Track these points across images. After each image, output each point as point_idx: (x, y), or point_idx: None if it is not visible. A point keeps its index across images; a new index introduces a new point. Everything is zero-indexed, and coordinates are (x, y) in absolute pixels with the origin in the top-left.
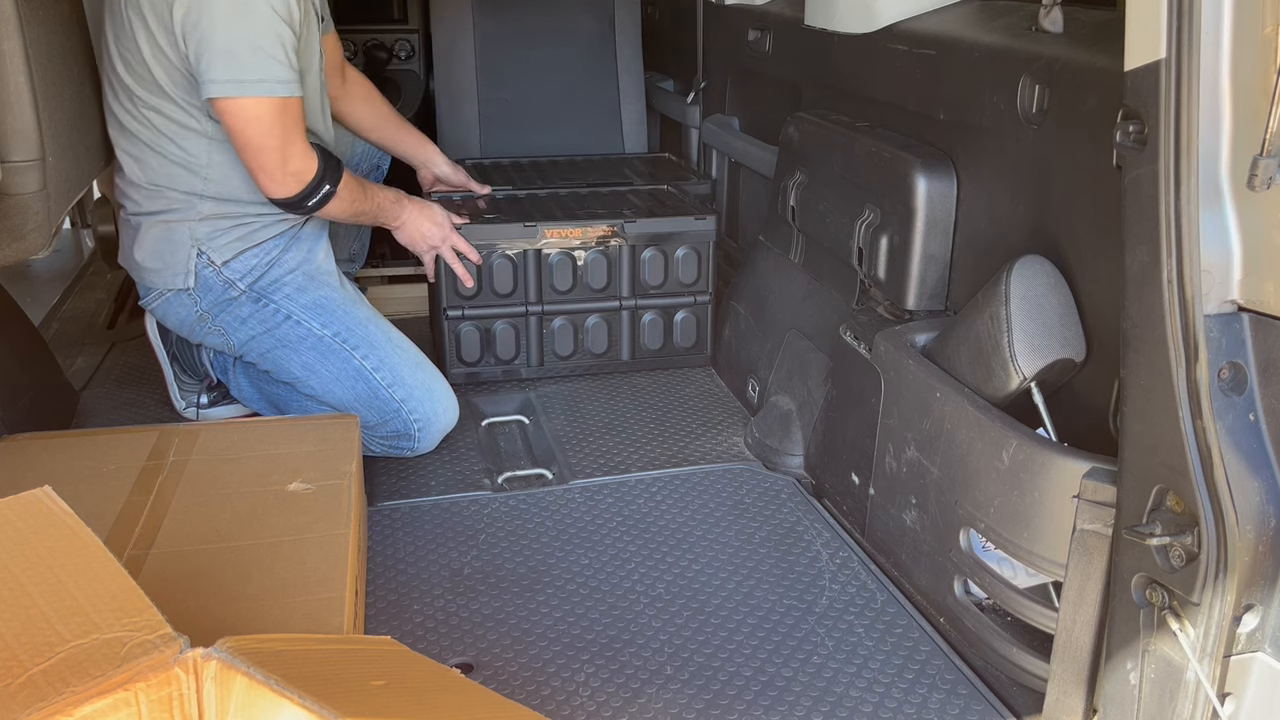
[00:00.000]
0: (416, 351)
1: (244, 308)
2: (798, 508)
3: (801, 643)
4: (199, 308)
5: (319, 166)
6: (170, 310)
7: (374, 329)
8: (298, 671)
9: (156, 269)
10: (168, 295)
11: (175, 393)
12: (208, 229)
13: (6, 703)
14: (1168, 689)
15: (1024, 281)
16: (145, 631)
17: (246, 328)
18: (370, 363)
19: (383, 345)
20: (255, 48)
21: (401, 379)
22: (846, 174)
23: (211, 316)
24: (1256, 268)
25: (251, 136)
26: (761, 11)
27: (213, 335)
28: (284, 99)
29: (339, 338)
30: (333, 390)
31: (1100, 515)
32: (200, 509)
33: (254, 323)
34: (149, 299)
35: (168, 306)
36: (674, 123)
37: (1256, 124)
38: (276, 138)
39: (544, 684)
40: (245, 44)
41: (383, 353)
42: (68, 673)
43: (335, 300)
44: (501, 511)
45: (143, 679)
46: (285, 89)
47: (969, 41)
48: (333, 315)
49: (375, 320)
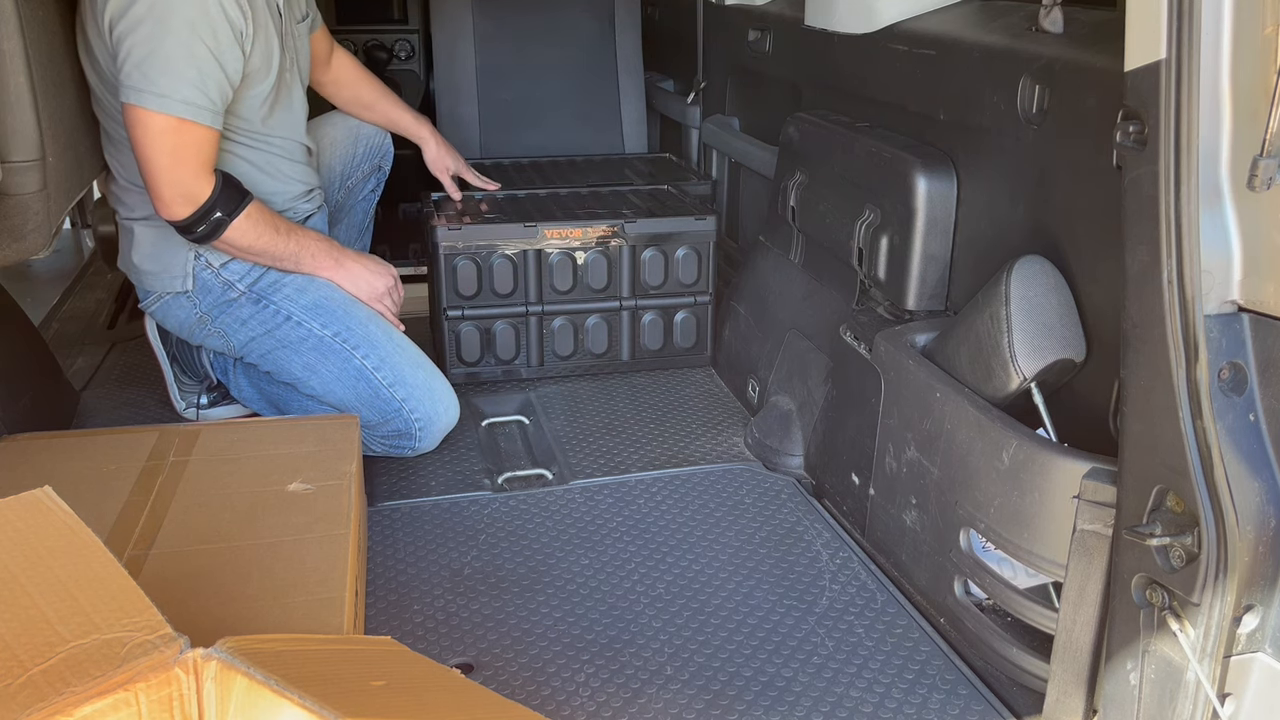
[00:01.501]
0: (417, 351)
1: (244, 309)
2: (798, 508)
3: (801, 643)
4: (198, 310)
5: (212, 193)
6: (170, 313)
7: (374, 328)
8: (298, 672)
9: (154, 272)
10: (166, 298)
11: (175, 393)
12: None
13: (7, 703)
14: (1168, 689)
15: (1024, 281)
16: (145, 632)
17: (247, 329)
18: (371, 362)
19: (384, 344)
20: (165, 61)
21: (403, 378)
22: (846, 174)
23: (211, 319)
24: (1256, 268)
25: (142, 149)
26: (761, 11)
27: (213, 337)
28: (181, 120)
29: (339, 338)
30: (334, 390)
31: (1100, 515)
32: (200, 509)
33: (254, 324)
34: (148, 302)
35: (167, 309)
36: (674, 123)
37: (1256, 124)
38: (166, 156)
39: (544, 684)
40: (156, 56)
41: (384, 352)
42: (67, 673)
43: (335, 300)
44: (501, 511)
45: (142, 679)
46: (188, 110)
47: (969, 42)
48: (333, 315)
49: (375, 320)
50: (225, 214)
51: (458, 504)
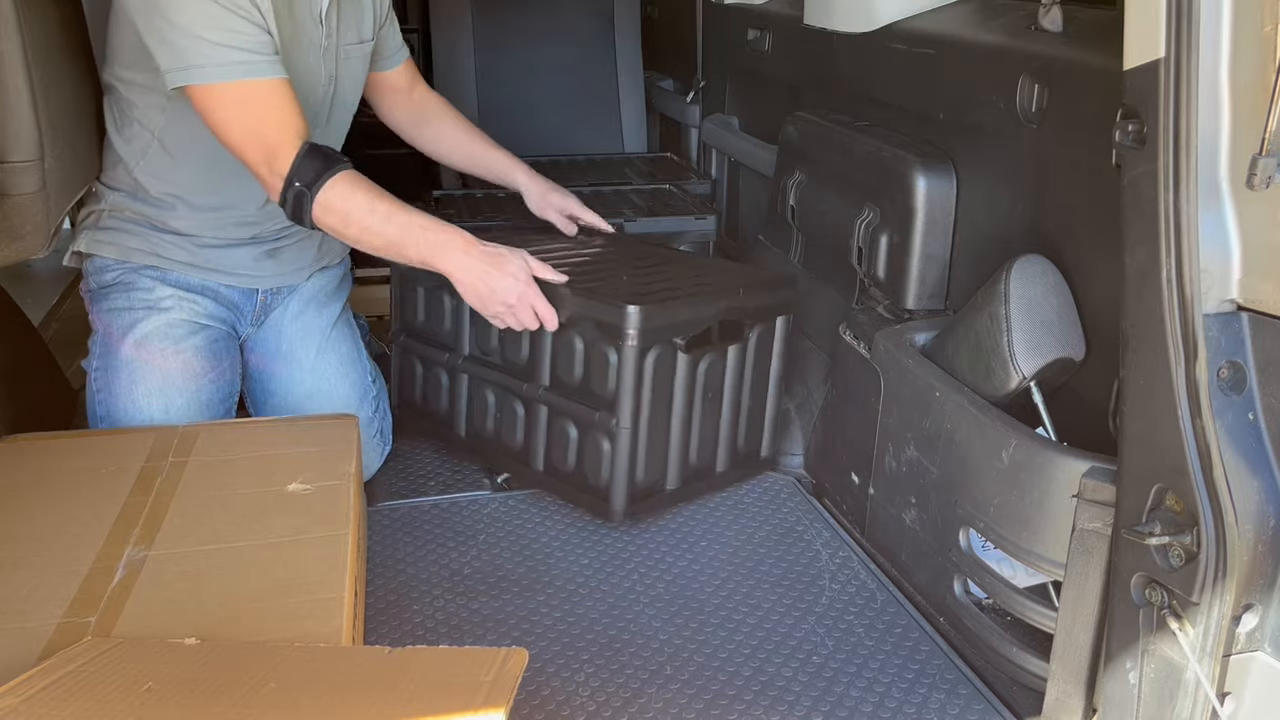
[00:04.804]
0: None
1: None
2: (798, 508)
3: (801, 643)
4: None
5: (294, 161)
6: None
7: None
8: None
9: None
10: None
11: None
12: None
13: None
14: (1167, 689)
15: (1023, 281)
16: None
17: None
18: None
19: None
20: (185, 31)
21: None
22: (846, 173)
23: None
24: (1255, 267)
25: (217, 131)
26: (761, 11)
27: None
28: (235, 84)
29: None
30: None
31: (1100, 515)
32: (199, 510)
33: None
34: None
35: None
36: (674, 122)
37: (1256, 123)
38: (237, 129)
39: (544, 684)
40: (175, 29)
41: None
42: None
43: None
44: (501, 511)
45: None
46: (233, 71)
47: (968, 41)
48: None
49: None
50: (304, 185)
51: (457, 504)
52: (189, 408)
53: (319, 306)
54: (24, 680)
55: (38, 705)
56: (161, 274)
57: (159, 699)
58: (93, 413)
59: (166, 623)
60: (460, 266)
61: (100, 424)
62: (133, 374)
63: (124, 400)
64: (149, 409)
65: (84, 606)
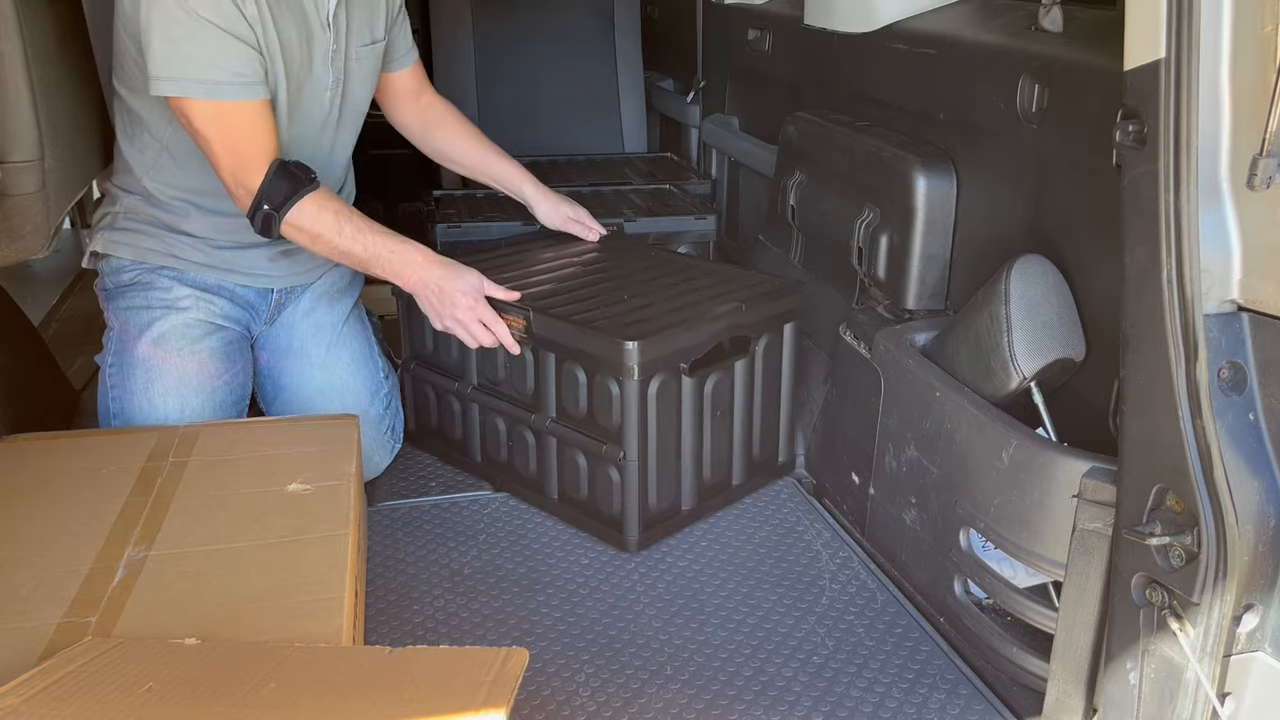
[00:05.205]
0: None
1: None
2: (798, 508)
3: (801, 643)
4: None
5: (262, 183)
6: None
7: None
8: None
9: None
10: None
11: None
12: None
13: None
14: (1167, 689)
15: (1024, 281)
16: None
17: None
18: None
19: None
20: (173, 43)
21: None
22: (846, 173)
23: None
24: (1256, 267)
25: (197, 140)
26: (761, 11)
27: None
28: (217, 103)
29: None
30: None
31: (1100, 515)
32: (200, 510)
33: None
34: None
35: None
36: (674, 122)
37: (1256, 123)
38: (214, 144)
39: (544, 684)
40: (165, 40)
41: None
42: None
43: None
44: (501, 511)
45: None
46: (213, 90)
47: (968, 41)
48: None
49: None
50: (273, 208)
51: (457, 504)
52: (204, 408)
53: (330, 303)
54: (24, 680)
55: (38, 705)
56: (179, 274)
57: (159, 699)
58: (105, 409)
59: (167, 623)
60: (418, 280)
61: (112, 421)
62: (149, 373)
63: (139, 398)
64: (164, 408)
65: (84, 606)
